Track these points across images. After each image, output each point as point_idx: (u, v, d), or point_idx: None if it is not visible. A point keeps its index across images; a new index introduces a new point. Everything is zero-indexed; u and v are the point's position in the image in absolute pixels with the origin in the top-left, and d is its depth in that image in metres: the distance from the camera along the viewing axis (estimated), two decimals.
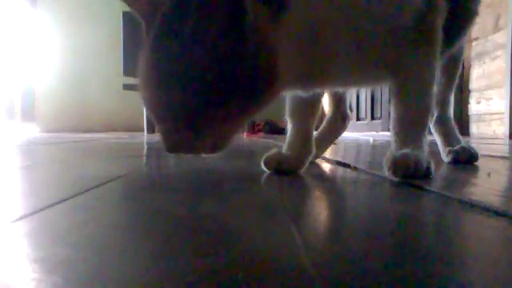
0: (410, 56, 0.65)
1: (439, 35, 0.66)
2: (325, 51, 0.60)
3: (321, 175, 0.80)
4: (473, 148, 0.90)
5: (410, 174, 0.61)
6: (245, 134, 3.68)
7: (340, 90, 0.85)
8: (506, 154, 1.25)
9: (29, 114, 4.95)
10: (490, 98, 2.84)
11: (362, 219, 0.43)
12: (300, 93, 0.69)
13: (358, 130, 3.94)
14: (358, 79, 0.72)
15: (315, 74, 0.62)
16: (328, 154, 1.09)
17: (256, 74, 0.50)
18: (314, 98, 0.76)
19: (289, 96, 0.77)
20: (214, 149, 0.54)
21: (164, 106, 0.51)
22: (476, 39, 2.93)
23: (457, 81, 0.97)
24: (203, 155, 0.56)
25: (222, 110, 0.50)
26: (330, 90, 0.87)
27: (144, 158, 1.26)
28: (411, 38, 0.63)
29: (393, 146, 0.67)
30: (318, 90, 0.72)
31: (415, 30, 0.63)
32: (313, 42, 0.58)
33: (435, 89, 0.69)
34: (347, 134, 0.97)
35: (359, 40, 0.61)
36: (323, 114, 0.99)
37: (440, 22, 0.65)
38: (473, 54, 3.00)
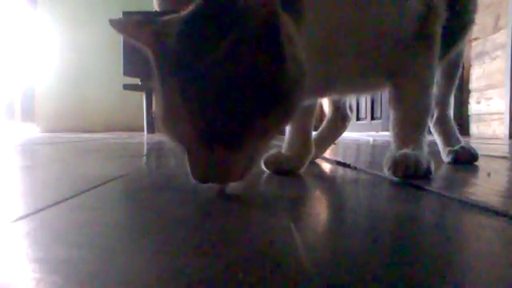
0: (410, 60, 0.67)
1: (438, 40, 0.67)
2: (334, 59, 0.60)
3: (321, 175, 0.81)
4: (473, 148, 0.90)
5: (410, 174, 0.61)
6: None
7: (340, 96, 0.86)
8: (506, 154, 1.25)
9: (29, 114, 4.95)
10: (490, 98, 2.84)
11: (361, 219, 0.43)
12: (308, 101, 0.69)
13: (357, 130, 3.94)
14: (361, 85, 0.73)
15: (325, 82, 0.63)
16: (328, 154, 1.09)
17: (291, 85, 0.49)
18: None
19: None
20: (244, 172, 0.52)
21: (199, 130, 0.47)
22: (476, 39, 2.93)
23: (457, 82, 0.98)
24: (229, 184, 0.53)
25: (261, 124, 0.48)
26: (334, 96, 0.88)
27: (144, 157, 1.26)
28: (411, 42, 0.65)
29: (392, 146, 0.68)
30: (324, 97, 0.73)
31: (415, 34, 0.64)
32: (324, 48, 0.58)
33: (434, 89, 0.71)
34: (347, 134, 0.96)
35: (363, 48, 0.62)
36: (323, 114, 0.99)
37: (439, 27, 0.67)
38: (473, 54, 3.00)
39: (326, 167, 0.90)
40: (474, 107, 3.02)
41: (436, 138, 0.96)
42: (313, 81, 0.55)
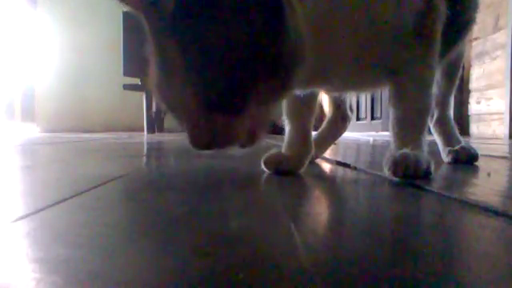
0: (410, 58, 0.66)
1: (438, 38, 0.67)
2: (331, 46, 0.60)
3: (321, 175, 0.80)
4: (473, 148, 0.90)
5: (410, 174, 0.61)
6: None
7: (339, 93, 0.86)
8: (506, 154, 1.25)
9: (29, 114, 4.95)
10: (490, 98, 2.84)
11: (361, 219, 0.43)
12: (299, 91, 0.69)
13: (357, 130, 3.94)
14: (359, 81, 0.72)
15: (322, 70, 0.62)
16: (328, 154, 1.09)
17: (291, 53, 0.49)
18: (310, 98, 0.77)
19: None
20: (251, 138, 0.51)
21: (196, 93, 0.47)
22: (476, 39, 2.93)
23: (457, 83, 0.98)
24: (237, 149, 0.52)
25: (261, 88, 0.48)
26: (329, 91, 0.87)
27: (144, 157, 1.26)
28: (411, 40, 0.64)
29: (392, 146, 0.67)
30: (317, 89, 0.72)
31: (415, 32, 0.64)
32: (321, 33, 0.58)
33: (434, 89, 0.70)
34: (347, 134, 0.97)
35: (361, 40, 0.61)
36: (323, 114, 0.99)
37: (439, 25, 0.66)
38: (473, 54, 3.00)
39: (326, 167, 0.90)
40: (474, 107, 3.02)
41: (436, 138, 0.96)
42: (310, 66, 0.55)
